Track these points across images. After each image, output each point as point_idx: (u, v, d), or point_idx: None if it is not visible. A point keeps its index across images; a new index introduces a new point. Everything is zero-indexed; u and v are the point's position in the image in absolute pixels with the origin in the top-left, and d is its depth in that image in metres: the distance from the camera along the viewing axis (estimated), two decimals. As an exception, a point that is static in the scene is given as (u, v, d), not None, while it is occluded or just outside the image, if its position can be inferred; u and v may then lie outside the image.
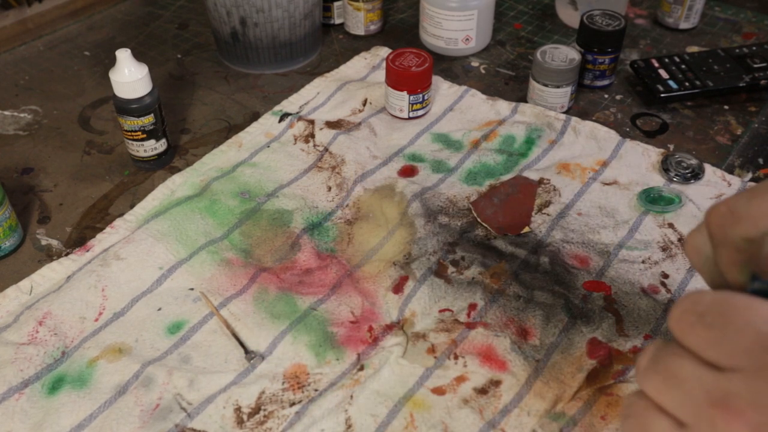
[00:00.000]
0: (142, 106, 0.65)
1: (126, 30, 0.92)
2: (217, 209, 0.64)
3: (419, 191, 0.65)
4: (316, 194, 0.66)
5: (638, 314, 0.54)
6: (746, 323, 0.29)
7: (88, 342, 0.54)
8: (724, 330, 0.29)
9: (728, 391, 0.29)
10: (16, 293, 0.57)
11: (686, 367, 0.30)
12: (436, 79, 0.79)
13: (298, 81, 0.82)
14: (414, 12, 0.94)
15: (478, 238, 0.61)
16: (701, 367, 0.30)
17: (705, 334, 0.30)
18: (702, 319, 0.30)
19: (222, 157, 0.70)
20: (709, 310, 0.30)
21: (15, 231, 0.61)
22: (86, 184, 0.69)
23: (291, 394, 0.50)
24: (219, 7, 0.79)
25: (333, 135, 0.71)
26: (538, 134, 0.71)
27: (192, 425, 0.48)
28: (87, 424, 0.49)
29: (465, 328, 0.53)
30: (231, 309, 0.56)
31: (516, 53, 0.86)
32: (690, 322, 0.30)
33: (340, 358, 0.52)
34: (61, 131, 0.75)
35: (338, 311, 0.55)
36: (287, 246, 0.61)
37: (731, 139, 0.72)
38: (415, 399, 0.49)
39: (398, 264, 0.59)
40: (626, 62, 0.83)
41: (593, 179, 0.66)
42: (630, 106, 0.77)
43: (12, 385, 0.50)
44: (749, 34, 0.89)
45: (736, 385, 0.29)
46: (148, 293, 0.57)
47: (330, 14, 0.90)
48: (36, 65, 0.86)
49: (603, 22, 0.76)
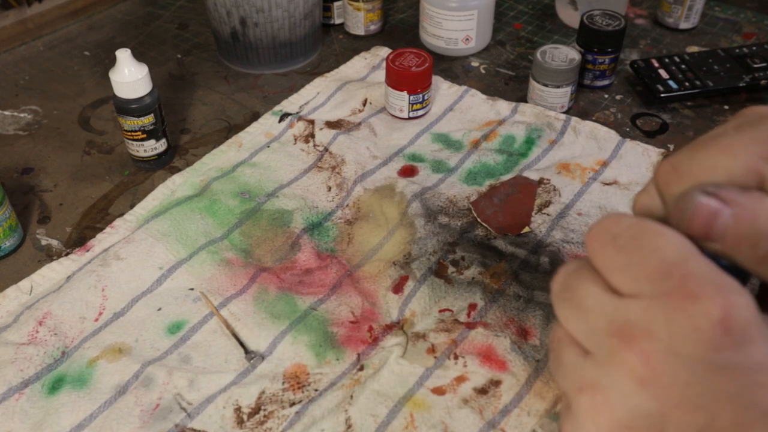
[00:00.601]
0: (142, 106, 0.65)
1: (126, 30, 0.92)
2: (217, 209, 0.64)
3: (419, 191, 0.65)
4: (316, 194, 0.66)
5: (638, 314, 0.54)
6: (654, 249, 0.29)
7: (88, 342, 0.54)
8: (631, 254, 0.29)
9: (626, 319, 0.29)
10: (16, 293, 0.57)
11: (591, 294, 0.31)
12: (436, 79, 0.79)
13: (298, 81, 0.82)
14: (414, 12, 0.94)
15: (478, 238, 0.61)
16: (605, 294, 0.30)
17: (614, 257, 0.30)
18: (614, 241, 0.30)
19: (222, 157, 0.70)
20: (623, 232, 0.30)
21: (15, 231, 0.61)
22: (86, 184, 0.69)
23: (291, 394, 0.50)
24: (219, 7, 0.79)
25: (333, 135, 0.71)
26: (538, 134, 0.71)
27: (192, 425, 0.48)
28: (87, 424, 0.49)
29: (465, 328, 0.53)
30: (231, 309, 0.56)
31: (516, 53, 0.86)
32: (603, 241, 0.31)
33: (340, 358, 0.52)
34: (61, 131, 0.75)
35: (338, 311, 0.55)
36: (287, 246, 0.61)
37: (731, 139, 0.72)
38: (415, 399, 0.49)
39: (398, 264, 0.59)
40: (626, 62, 0.83)
41: (593, 179, 0.66)
42: (630, 106, 0.77)
43: (12, 385, 0.50)
44: (749, 34, 0.89)
45: (633, 313, 0.29)
46: (148, 293, 0.57)
47: (330, 14, 0.90)
48: (36, 65, 0.86)
49: (603, 22, 0.76)
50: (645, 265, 0.29)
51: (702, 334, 0.27)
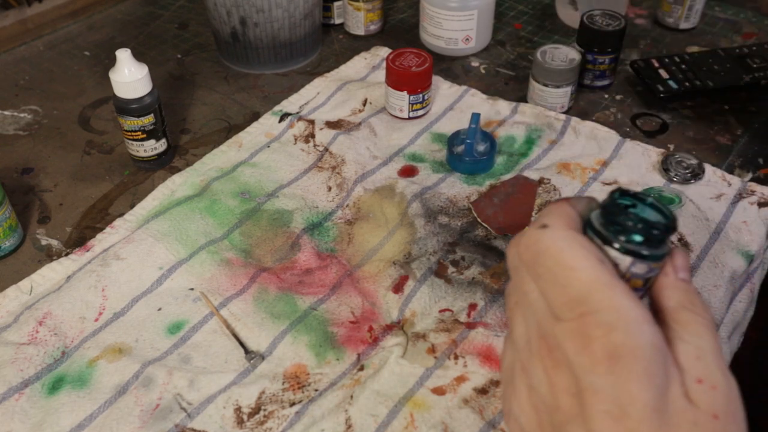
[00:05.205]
0: (142, 106, 0.65)
1: (126, 30, 0.92)
2: (217, 209, 0.64)
3: (419, 191, 0.65)
4: (316, 194, 0.66)
5: (638, 314, 0.54)
6: (565, 283, 0.32)
7: (88, 342, 0.54)
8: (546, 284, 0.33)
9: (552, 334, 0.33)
10: (16, 293, 0.57)
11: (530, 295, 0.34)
12: (436, 79, 0.79)
13: (298, 81, 0.82)
14: (414, 12, 0.94)
15: (478, 238, 0.61)
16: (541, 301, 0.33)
17: (535, 283, 0.34)
18: (533, 268, 0.34)
19: (222, 157, 0.70)
20: (540, 261, 0.33)
21: (15, 231, 0.61)
22: (86, 184, 0.69)
23: (291, 394, 0.50)
24: (219, 7, 0.79)
25: (333, 135, 0.71)
26: (538, 134, 0.71)
27: (192, 425, 0.48)
28: (87, 424, 0.49)
29: (465, 328, 0.53)
30: (231, 309, 0.56)
31: (516, 53, 0.86)
32: (521, 264, 0.34)
33: (340, 358, 0.52)
34: (61, 131, 0.75)
35: (338, 311, 0.55)
36: (287, 246, 0.61)
37: (731, 139, 0.72)
38: (415, 399, 0.49)
39: (398, 264, 0.59)
40: (626, 62, 0.83)
41: (593, 179, 0.66)
42: (630, 106, 0.77)
43: (12, 385, 0.50)
44: (749, 34, 0.89)
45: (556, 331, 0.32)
46: (148, 293, 0.57)
47: (330, 14, 0.90)
48: (36, 65, 0.86)
49: (603, 22, 0.76)
50: (559, 295, 0.32)
51: (595, 367, 0.30)
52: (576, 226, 0.34)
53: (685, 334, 0.32)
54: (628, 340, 0.30)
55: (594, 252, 0.32)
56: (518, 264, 0.35)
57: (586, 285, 0.31)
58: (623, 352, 0.30)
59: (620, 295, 0.31)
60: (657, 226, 0.33)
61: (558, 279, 0.32)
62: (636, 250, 0.33)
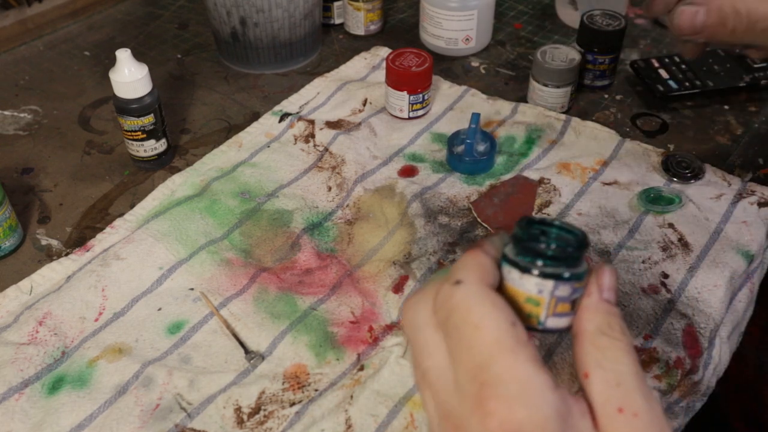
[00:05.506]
0: (142, 106, 0.65)
1: (126, 30, 0.92)
2: (217, 209, 0.64)
3: (419, 191, 0.65)
4: (317, 194, 0.66)
5: (638, 314, 0.54)
6: (469, 346, 0.31)
7: (88, 342, 0.54)
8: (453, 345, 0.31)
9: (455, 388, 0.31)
10: (16, 293, 0.57)
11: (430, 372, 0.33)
12: (436, 79, 0.79)
13: (298, 81, 0.82)
14: (414, 12, 0.94)
15: (478, 238, 0.61)
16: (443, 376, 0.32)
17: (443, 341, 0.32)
18: (444, 325, 0.32)
19: (222, 157, 0.70)
20: (450, 318, 0.32)
21: (15, 231, 0.61)
22: (86, 184, 0.69)
23: (291, 394, 0.50)
24: (219, 7, 0.79)
25: (333, 135, 0.71)
26: (538, 134, 0.71)
27: (192, 425, 0.48)
28: (87, 424, 0.49)
29: (465, 328, 0.53)
30: (231, 309, 0.56)
31: (516, 53, 0.86)
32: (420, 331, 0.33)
33: (340, 358, 0.52)
34: (61, 131, 0.75)
35: (338, 311, 0.55)
36: (287, 246, 0.61)
37: (731, 139, 0.72)
38: (415, 399, 0.49)
39: (398, 264, 0.59)
40: (626, 62, 0.83)
41: (593, 179, 0.66)
42: (630, 106, 0.77)
43: (12, 385, 0.50)
44: (749, 34, 0.89)
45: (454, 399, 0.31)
46: (148, 293, 0.57)
47: (330, 14, 0.90)
48: (36, 65, 0.86)
49: (603, 22, 0.76)
50: (464, 358, 0.31)
51: None
52: (490, 279, 0.33)
53: (604, 360, 0.31)
54: (532, 414, 0.29)
55: (505, 311, 0.31)
56: (421, 324, 0.33)
57: (488, 347, 0.30)
58: (527, 429, 0.28)
59: (523, 362, 0.30)
60: (569, 242, 0.32)
61: (463, 338, 0.31)
62: (554, 272, 0.32)
